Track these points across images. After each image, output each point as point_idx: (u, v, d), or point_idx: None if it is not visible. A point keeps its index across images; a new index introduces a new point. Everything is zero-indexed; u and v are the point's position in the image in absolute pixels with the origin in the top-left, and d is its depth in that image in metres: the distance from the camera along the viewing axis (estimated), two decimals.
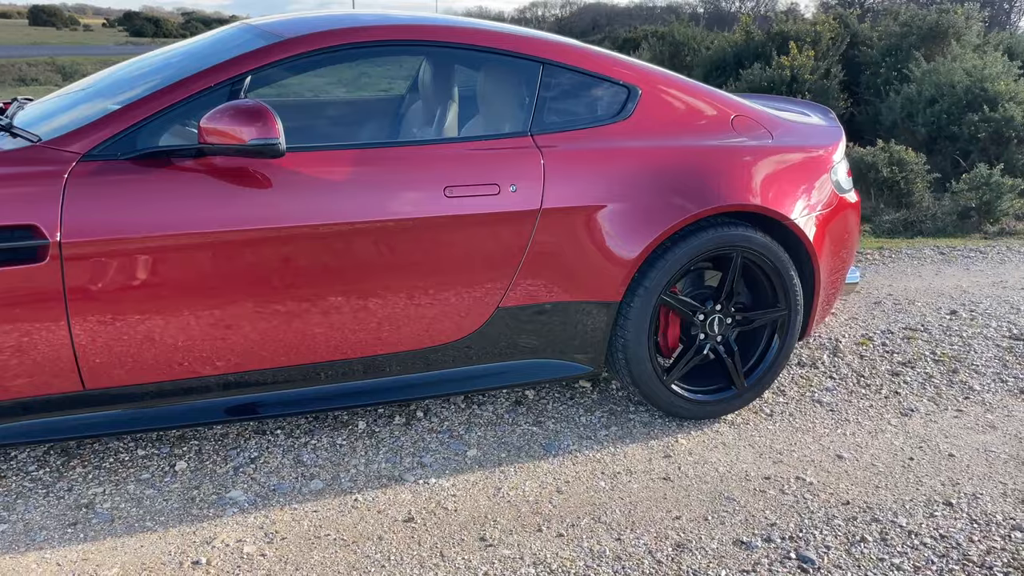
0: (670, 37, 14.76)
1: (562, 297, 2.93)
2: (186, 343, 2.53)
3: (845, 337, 4.15)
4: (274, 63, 2.62)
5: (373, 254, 2.65)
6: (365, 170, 2.63)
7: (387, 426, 3.07)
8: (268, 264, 2.54)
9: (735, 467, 2.92)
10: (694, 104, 3.20)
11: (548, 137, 2.90)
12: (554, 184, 2.83)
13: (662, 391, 3.10)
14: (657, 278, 2.96)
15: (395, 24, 2.87)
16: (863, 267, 5.57)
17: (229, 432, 2.98)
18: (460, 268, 2.78)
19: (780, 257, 3.11)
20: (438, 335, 2.82)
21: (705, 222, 3.01)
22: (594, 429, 3.13)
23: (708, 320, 3.12)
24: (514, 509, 2.62)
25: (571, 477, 2.81)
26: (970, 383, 3.68)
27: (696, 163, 3.03)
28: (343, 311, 2.66)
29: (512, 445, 2.99)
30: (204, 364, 2.58)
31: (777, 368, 3.26)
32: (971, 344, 4.12)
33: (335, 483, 2.71)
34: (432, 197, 2.69)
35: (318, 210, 2.55)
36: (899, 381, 3.67)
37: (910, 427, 3.27)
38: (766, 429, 3.20)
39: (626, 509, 2.64)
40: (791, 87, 10.62)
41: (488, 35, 2.96)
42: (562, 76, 3.01)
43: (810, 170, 3.25)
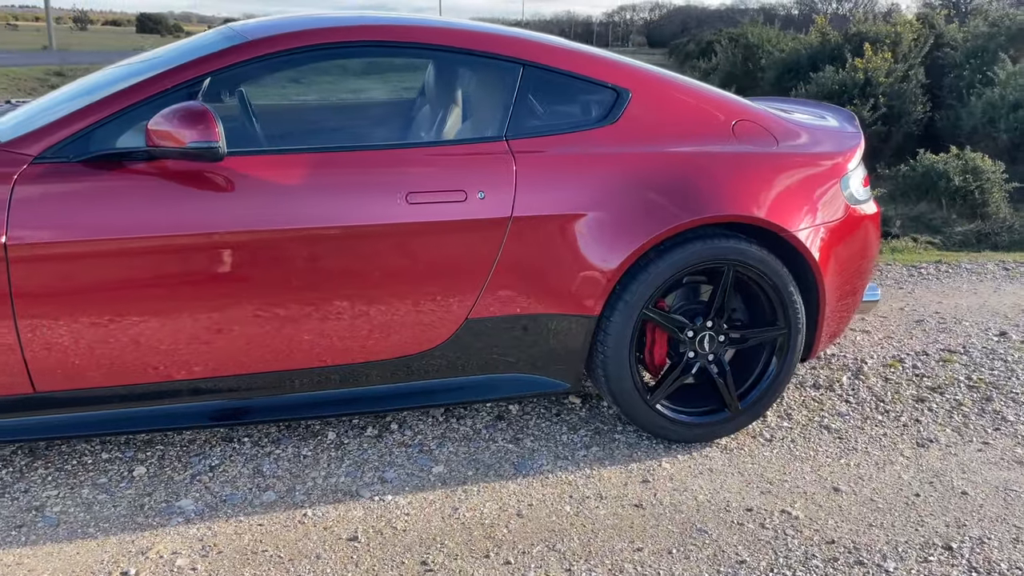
0: (743, 39, 14.35)
1: (536, 309, 2.78)
2: (137, 347, 2.49)
3: (873, 358, 3.87)
4: (234, 65, 2.57)
5: (328, 261, 2.56)
6: (321, 175, 2.54)
7: (357, 438, 2.98)
8: (216, 269, 2.48)
9: (717, 496, 2.73)
10: (691, 108, 3.01)
11: (525, 142, 2.76)
12: (527, 191, 2.70)
13: (645, 411, 2.92)
14: (639, 292, 2.78)
15: (364, 25, 2.78)
16: (916, 282, 5.23)
17: (197, 438, 2.94)
18: (424, 277, 2.67)
19: (778, 272, 2.89)
20: (402, 346, 2.72)
21: (692, 233, 2.83)
22: (573, 449, 2.98)
23: (698, 337, 2.93)
24: (467, 532, 2.49)
25: (536, 500, 2.66)
26: (1004, 413, 3.37)
27: (686, 171, 2.84)
28: (296, 320, 2.58)
29: (483, 463, 2.87)
30: (158, 369, 2.54)
31: (776, 390, 3.04)
32: (1015, 369, 3.79)
33: (288, 496, 2.63)
34: (392, 203, 2.58)
35: (269, 215, 2.48)
36: (923, 408, 3.39)
37: (924, 460, 3.00)
38: (761, 456, 2.99)
39: (586, 537, 2.49)
40: (864, 90, 10.18)
41: (464, 35, 2.84)
42: (544, 78, 2.87)
43: (817, 179, 3.02)
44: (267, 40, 2.62)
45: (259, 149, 2.58)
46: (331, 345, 2.65)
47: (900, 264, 5.68)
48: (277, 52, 2.61)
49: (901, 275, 5.37)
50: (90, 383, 2.50)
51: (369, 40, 2.75)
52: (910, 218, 8.02)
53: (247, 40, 2.63)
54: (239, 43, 2.61)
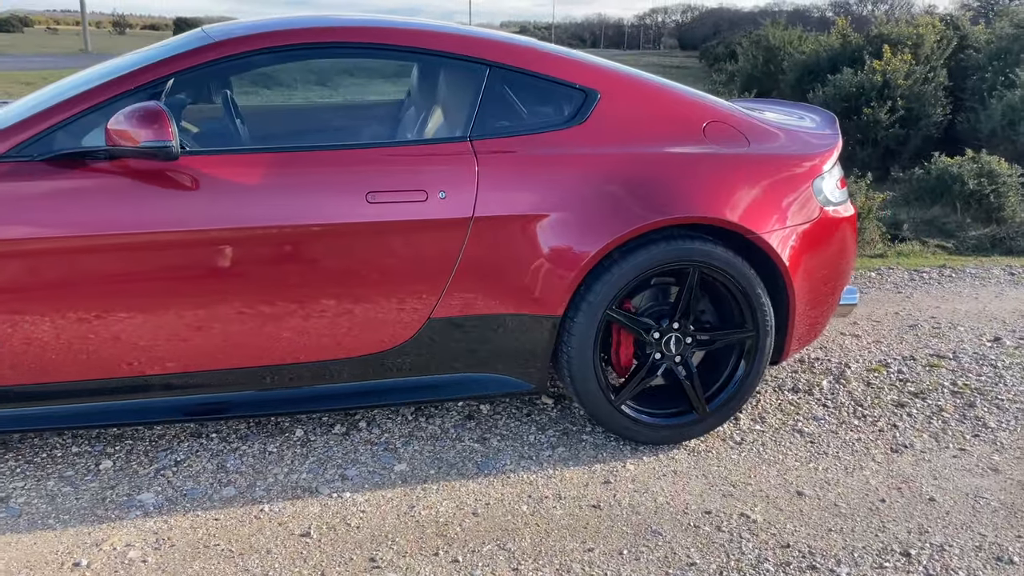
0: (764, 41, 14.22)
1: (499, 309, 2.79)
2: (96, 343, 2.54)
3: (858, 362, 3.83)
4: (198, 66, 2.61)
5: (286, 260, 2.59)
6: (279, 174, 2.57)
7: (324, 435, 3.01)
8: (174, 268, 2.52)
9: (677, 498, 2.71)
10: (661, 110, 3.01)
11: (490, 142, 2.77)
12: (489, 191, 2.71)
13: (610, 412, 2.91)
14: (602, 292, 2.78)
15: (329, 27, 2.81)
16: (916, 286, 5.16)
17: (167, 434, 2.99)
18: (385, 276, 2.69)
19: (745, 274, 2.87)
20: (364, 345, 2.74)
21: (657, 234, 2.82)
22: (539, 449, 2.98)
23: (664, 339, 2.92)
24: (420, 530, 2.50)
25: (493, 499, 2.67)
26: (985, 419, 3.32)
27: (652, 172, 2.84)
28: (256, 318, 2.61)
29: (446, 462, 2.88)
30: (115, 364, 2.58)
31: (744, 393, 3.02)
32: (1004, 376, 3.72)
33: (248, 491, 2.67)
34: (352, 203, 2.61)
35: (226, 214, 2.52)
36: (902, 413, 3.34)
37: (896, 465, 2.96)
38: (728, 459, 2.97)
39: (538, 537, 2.49)
40: (882, 92, 10.05)
41: (430, 37, 2.86)
42: (511, 79, 2.87)
43: (788, 181, 2.99)
44: (231, 42, 2.65)
45: (218, 149, 2.61)
46: (291, 343, 2.68)
47: (903, 268, 5.61)
48: (240, 54, 2.65)
49: (902, 279, 5.30)
50: (52, 377, 2.55)
51: (333, 41, 2.78)
52: (923, 222, 7.90)
53: (213, 41, 2.67)
54: (205, 44, 2.65)
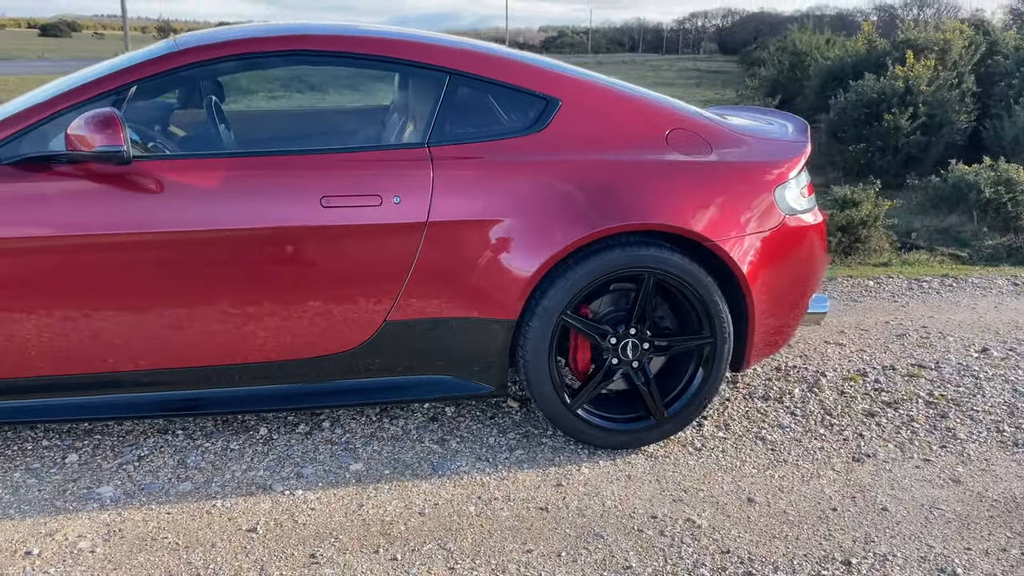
0: (791, 46, 14.10)
1: (455, 313, 2.84)
2: (58, 341, 2.63)
3: (835, 371, 3.81)
4: (159, 74, 2.69)
5: (242, 262, 2.66)
6: (235, 179, 2.65)
7: (288, 434, 3.08)
8: (134, 269, 2.60)
9: (625, 502, 2.73)
10: (623, 117, 3.03)
11: (447, 148, 2.82)
12: (444, 197, 2.75)
13: (566, 416, 2.94)
14: (557, 297, 2.81)
15: (291, 35, 2.88)
16: (912, 296, 5.10)
17: (135, 429, 3.08)
18: (341, 279, 2.74)
19: (702, 281, 2.89)
20: (321, 346, 2.80)
21: (613, 241, 2.84)
22: (497, 451, 3.02)
23: (621, 344, 2.94)
24: (364, 528, 2.55)
25: (443, 500, 2.71)
26: (956, 430, 3.28)
27: (608, 179, 2.86)
28: (215, 318, 2.69)
29: (402, 462, 2.93)
30: (87, 361, 2.67)
31: (702, 400, 3.03)
32: (984, 387, 3.68)
33: (204, 487, 2.74)
34: (306, 207, 2.67)
35: (184, 218, 2.59)
36: (871, 423, 3.32)
37: (855, 475, 2.95)
38: (685, 464, 2.98)
39: (480, 538, 2.53)
40: (904, 99, 9.93)
41: (391, 45, 2.92)
42: (471, 87, 2.92)
43: (748, 188, 3.00)
44: (193, 50, 2.74)
45: (176, 154, 2.69)
46: (249, 343, 2.74)
47: (904, 277, 5.55)
48: (201, 61, 2.73)
49: (899, 288, 5.25)
50: (23, 372, 2.65)
51: (295, 49, 2.85)
52: (937, 230, 7.80)
53: (178, 49, 2.75)
54: (170, 52, 2.74)
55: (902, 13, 64.61)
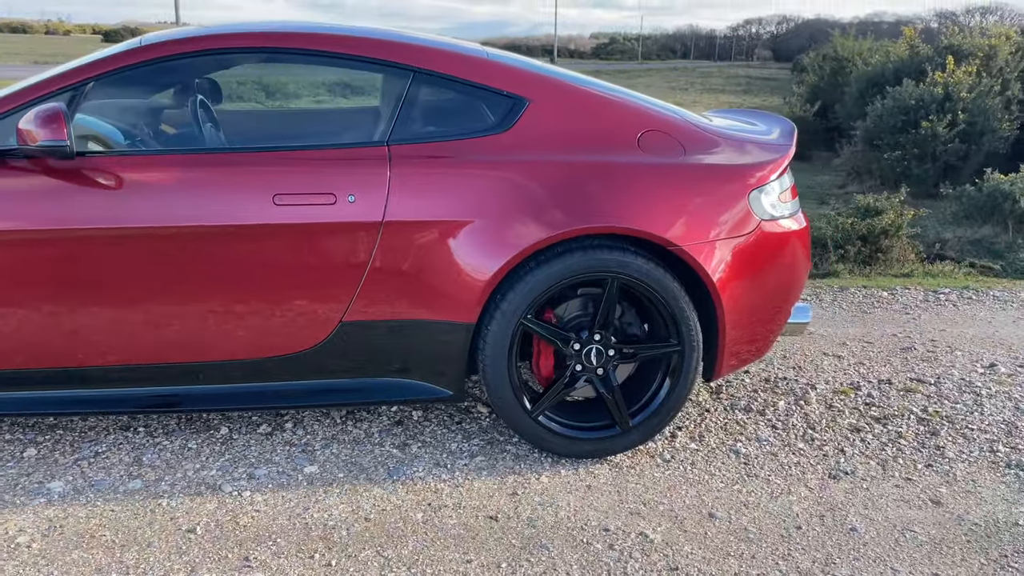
0: (832, 52, 13.80)
1: (413, 315, 2.78)
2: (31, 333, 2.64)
3: (827, 383, 3.67)
4: (116, 70, 2.69)
5: (194, 259, 2.64)
6: (186, 175, 2.63)
7: (248, 434, 3.05)
8: (89, 264, 2.60)
9: (580, 514, 2.64)
10: (594, 118, 2.95)
11: (408, 147, 2.77)
12: (401, 196, 2.70)
13: (526, 422, 2.87)
14: (516, 301, 2.74)
15: (254, 32, 2.86)
16: (927, 308, 4.91)
17: (98, 425, 3.08)
18: (295, 278, 2.71)
19: (667, 286, 2.79)
20: (277, 346, 2.77)
21: (575, 244, 2.76)
22: (457, 457, 2.95)
23: (584, 350, 2.85)
24: (305, 532, 2.51)
25: (391, 505, 2.65)
26: (946, 448, 3.13)
27: (573, 181, 2.78)
28: (165, 314, 2.67)
29: (359, 466, 2.88)
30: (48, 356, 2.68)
31: (669, 409, 2.93)
32: (983, 404, 3.51)
33: (154, 485, 2.72)
34: (258, 205, 2.64)
35: (134, 213, 2.58)
36: (855, 439, 3.18)
37: (828, 492, 2.82)
38: (650, 476, 2.88)
39: (421, 546, 2.46)
40: (943, 106, 9.62)
41: (355, 43, 2.88)
42: (436, 85, 2.87)
43: (721, 192, 2.89)
44: (152, 47, 2.73)
45: (126, 150, 2.69)
46: (208, 342, 2.72)
47: (921, 288, 5.35)
48: (160, 58, 2.72)
49: (914, 300, 5.06)
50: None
51: (257, 47, 2.83)
52: (970, 242, 7.53)
53: (138, 47, 2.75)
54: (129, 49, 2.74)
55: (964, 20, 62.99)
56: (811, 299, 4.99)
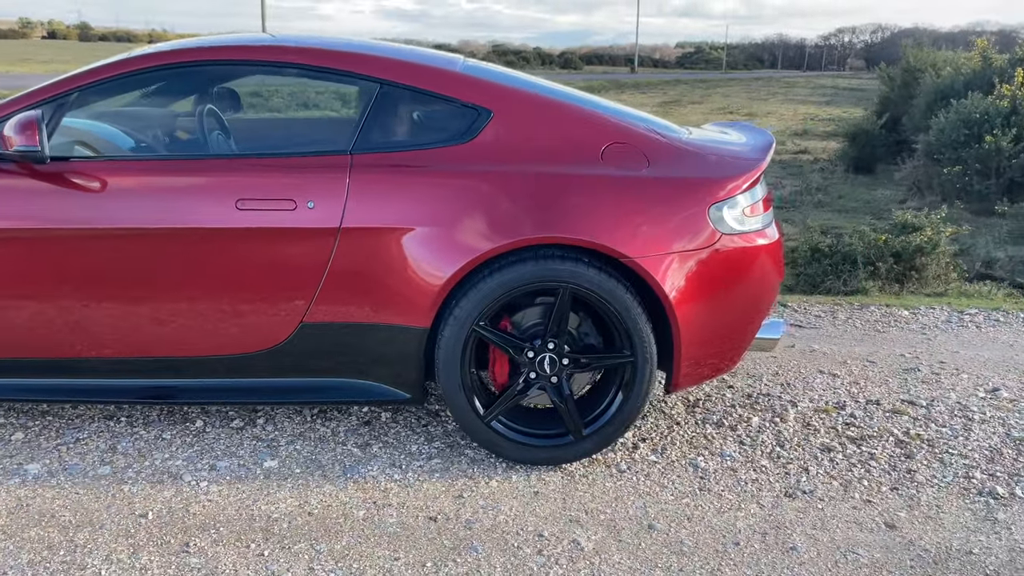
0: (904, 63, 13.39)
1: (370, 318, 2.87)
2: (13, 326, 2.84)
3: (811, 402, 3.61)
4: (98, 82, 2.87)
5: (162, 259, 2.79)
6: (155, 180, 2.79)
7: (221, 427, 3.19)
8: (63, 262, 2.78)
9: (519, 519, 2.69)
10: (557, 130, 2.99)
11: (371, 157, 2.86)
12: (359, 203, 2.80)
13: (480, 427, 2.92)
14: (468, 308, 2.81)
15: (230, 45, 3.01)
16: (946, 329, 4.76)
17: (86, 413, 3.26)
18: (257, 279, 2.83)
19: (620, 298, 2.81)
20: (240, 344, 2.90)
21: (528, 253, 2.81)
22: (414, 459, 3.03)
23: (538, 358, 2.90)
24: (248, 523, 2.62)
25: (337, 502, 2.75)
26: (917, 472, 3.05)
27: (529, 192, 2.84)
28: (139, 311, 2.83)
29: (317, 463, 2.98)
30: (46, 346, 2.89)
31: (623, 420, 2.94)
32: (972, 429, 3.40)
33: (122, 472, 2.88)
34: (222, 209, 2.78)
35: (105, 215, 2.76)
36: (824, 458, 3.13)
37: (780, 510, 2.79)
38: (601, 486, 2.90)
39: (354, 542, 2.54)
40: (1009, 120, 9.25)
41: (324, 55, 2.99)
42: (402, 97, 2.96)
43: (679, 204, 2.89)
44: (134, 60, 2.90)
45: (98, 156, 2.86)
46: (173, 338, 2.87)
47: (948, 309, 5.18)
48: (141, 69, 2.89)
49: (936, 320, 4.91)
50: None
51: (229, 59, 2.97)
52: (1023, 261, 7.23)
53: (120, 60, 2.93)
54: (109, 63, 2.92)
55: None
56: (827, 316, 4.90)
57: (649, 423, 3.35)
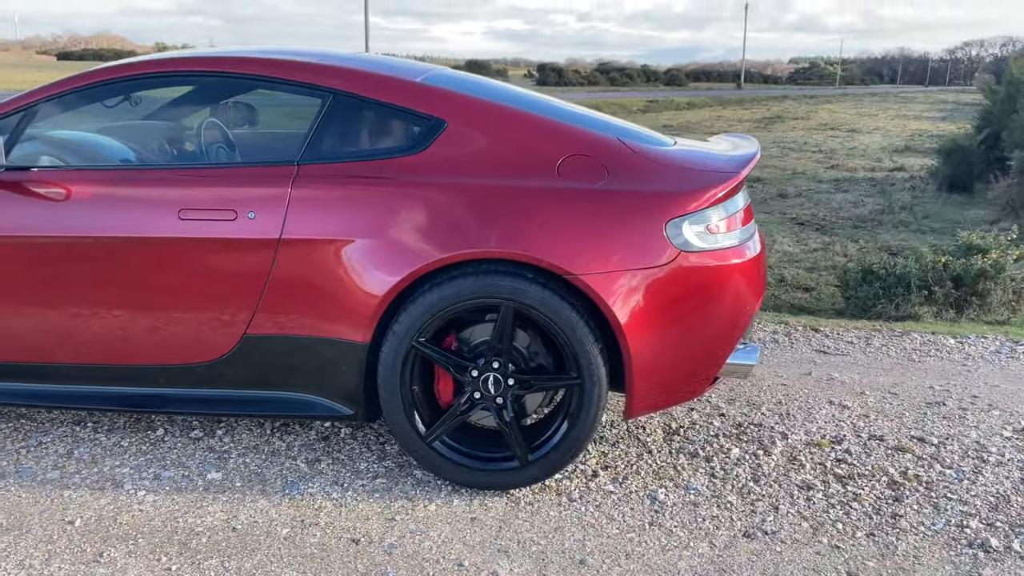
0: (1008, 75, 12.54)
1: (312, 331, 2.81)
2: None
3: (806, 434, 3.34)
4: (58, 95, 2.94)
5: (110, 267, 2.81)
6: (105, 190, 2.82)
7: (181, 436, 3.19)
8: (14, 267, 2.85)
9: (444, 547, 2.56)
10: (512, 142, 2.86)
11: (319, 167, 2.82)
12: (299, 215, 2.75)
13: (421, 447, 2.82)
14: (407, 323, 2.71)
15: (181, 58, 3.04)
16: (996, 360, 4.36)
17: (58, 417, 3.32)
18: (202, 290, 2.82)
19: (564, 316, 2.66)
20: (187, 354, 2.89)
21: (471, 268, 2.70)
22: (359, 478, 2.94)
23: (482, 378, 2.77)
24: (169, 536, 2.58)
25: (265, 519, 2.69)
26: (904, 517, 2.77)
27: (474, 205, 2.72)
28: (86, 318, 2.86)
29: (261, 477, 2.93)
30: None
31: (571, 446, 2.77)
32: (982, 472, 3.07)
33: (69, 477, 2.90)
34: (165, 218, 2.78)
35: (51, 223, 2.80)
36: (800, 497, 2.88)
37: (732, 552, 2.57)
38: (545, 515, 2.74)
39: (264, 561, 2.47)
40: None
41: (276, 65, 2.97)
42: (355, 107, 2.90)
43: (633, 220, 2.72)
44: (88, 74, 2.96)
45: (50, 165, 2.92)
46: (113, 345, 2.89)
47: (1001, 338, 4.75)
48: (95, 83, 2.94)
49: (982, 351, 4.50)
50: None
51: (183, 71, 3.00)
52: None
53: (75, 75, 2.99)
54: (70, 76, 2.98)
55: None
56: (860, 342, 4.57)
57: (619, 450, 3.17)
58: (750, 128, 25.72)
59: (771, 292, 6.56)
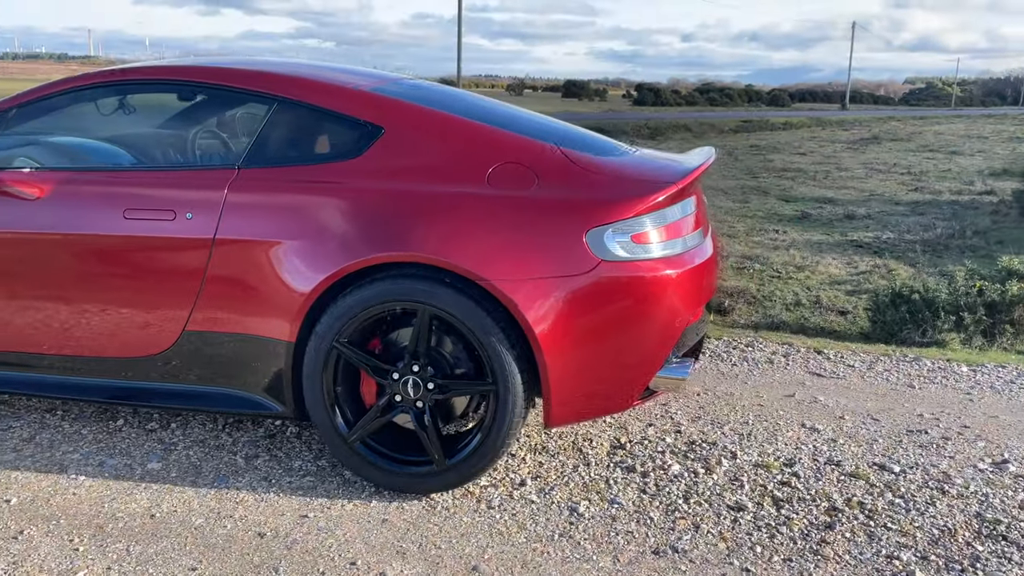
0: None
1: (243, 329, 2.90)
2: None
3: (758, 455, 3.23)
4: (26, 103, 3.14)
5: (59, 263, 2.98)
6: (57, 190, 2.99)
7: (138, 427, 3.33)
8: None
9: (345, 545, 2.59)
10: (445, 148, 2.89)
11: (259, 171, 2.91)
12: (233, 216, 2.85)
13: (342, 448, 2.86)
14: (327, 324, 2.77)
15: (139, 67, 3.20)
16: (1004, 388, 4.11)
17: (34, 404, 3.52)
18: (144, 286, 2.95)
19: (478, 322, 2.66)
20: (129, 348, 3.02)
21: (388, 271, 2.74)
22: (290, 475, 3.01)
23: (401, 381, 2.80)
24: (89, 519, 2.69)
25: (184, 509, 2.77)
26: (830, 544, 2.65)
27: (400, 210, 2.76)
28: (38, 309, 3.04)
29: (197, 470, 3.03)
30: None
31: (485, 452, 2.77)
32: (935, 504, 2.91)
33: (20, 460, 3.06)
34: (110, 217, 2.92)
35: (9, 220, 2.98)
36: (726, 517, 2.79)
37: (634, 567, 2.52)
38: (458, 520, 2.74)
39: (167, 548, 2.55)
40: None
41: (222, 73, 3.09)
42: (297, 113, 2.99)
43: (553, 228, 2.70)
44: (48, 85, 3.16)
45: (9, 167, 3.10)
46: (67, 339, 3.04)
47: (1020, 366, 4.47)
48: (52, 93, 3.13)
49: (995, 381, 4.25)
50: None
51: (135, 79, 3.16)
52: None
53: (54, 81, 3.19)
54: (45, 84, 3.18)
55: None
56: (861, 367, 4.38)
57: (557, 461, 3.13)
58: (841, 148, 24.95)
59: (800, 314, 6.35)
